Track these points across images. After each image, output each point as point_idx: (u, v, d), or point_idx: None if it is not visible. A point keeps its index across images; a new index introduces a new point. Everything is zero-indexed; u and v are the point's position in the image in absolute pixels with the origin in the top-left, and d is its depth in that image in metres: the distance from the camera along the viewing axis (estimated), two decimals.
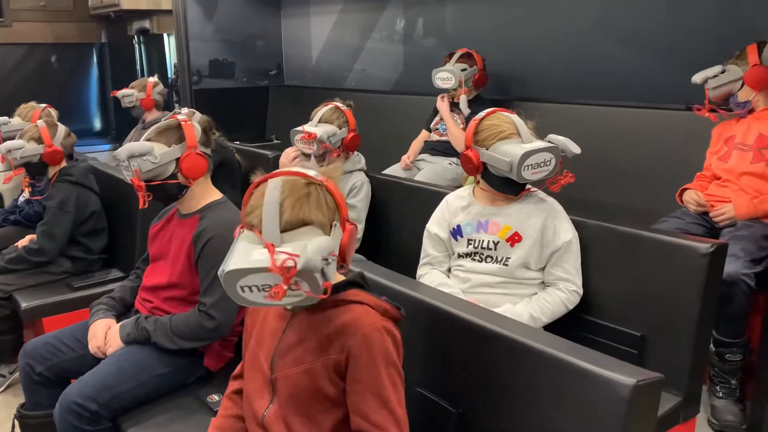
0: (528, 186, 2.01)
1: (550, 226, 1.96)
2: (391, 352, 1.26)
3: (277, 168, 3.22)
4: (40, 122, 3.01)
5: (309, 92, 4.97)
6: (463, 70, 3.35)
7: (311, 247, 1.15)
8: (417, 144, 3.48)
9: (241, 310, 1.99)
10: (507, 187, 1.96)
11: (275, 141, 5.19)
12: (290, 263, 1.11)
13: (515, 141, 1.91)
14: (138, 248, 2.85)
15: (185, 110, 2.98)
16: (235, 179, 3.04)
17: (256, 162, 3.49)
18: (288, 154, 2.73)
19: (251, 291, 1.17)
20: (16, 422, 2.10)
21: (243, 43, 5.19)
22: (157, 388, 1.91)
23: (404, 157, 3.38)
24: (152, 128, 2.08)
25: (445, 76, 3.35)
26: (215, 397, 1.90)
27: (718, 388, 2.23)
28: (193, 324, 1.92)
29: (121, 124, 6.18)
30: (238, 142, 3.97)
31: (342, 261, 1.27)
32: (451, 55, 3.45)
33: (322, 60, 5.02)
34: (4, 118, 3.57)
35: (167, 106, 4.47)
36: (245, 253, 1.17)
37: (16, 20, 5.64)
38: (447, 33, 3.98)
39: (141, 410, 1.87)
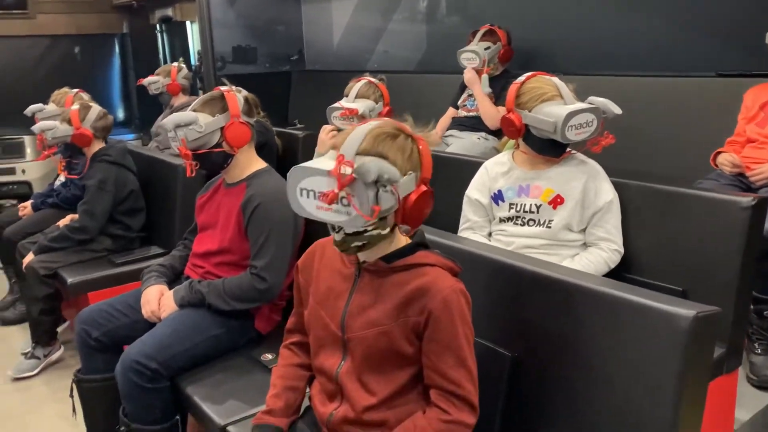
0: (568, 149, 2.04)
1: (591, 187, 2.00)
2: (466, 313, 1.31)
3: (311, 148, 3.29)
4: (75, 105, 3.08)
5: (331, 76, 5.00)
6: (487, 48, 3.37)
7: (371, 160, 1.20)
8: (444, 121, 3.52)
9: (289, 273, 2.05)
10: (549, 149, 2.00)
11: (298, 125, 5.23)
12: (348, 170, 1.17)
13: (558, 102, 1.95)
14: (177, 226, 2.92)
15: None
16: (273, 161, 3.11)
17: (286, 142, 3.56)
18: (326, 129, 2.77)
19: (308, 197, 1.22)
20: (74, 386, 2.16)
21: (264, 28, 5.23)
22: (212, 349, 1.98)
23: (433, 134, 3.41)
24: (197, 99, 2.14)
25: (469, 57, 3.38)
26: (269, 356, 1.96)
27: (756, 345, 2.26)
28: (246, 286, 1.98)
29: (144, 113, 6.26)
30: None
31: (407, 221, 1.30)
32: (474, 33, 3.47)
33: (343, 43, 5.06)
34: (39, 105, 3.64)
35: (193, 91, 4.53)
36: (318, 161, 1.24)
37: (40, 12, 5.72)
38: (470, 10, 4.00)
39: (197, 370, 1.93)
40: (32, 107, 3.63)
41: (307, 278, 1.49)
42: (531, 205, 2.03)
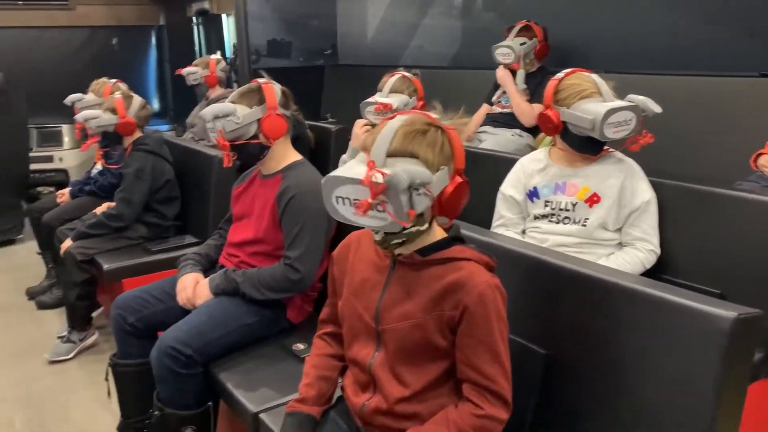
0: (606, 147, 2.02)
1: (628, 186, 1.97)
2: (501, 309, 1.30)
3: (343, 142, 3.31)
4: (117, 94, 3.13)
5: (364, 71, 5.00)
6: (522, 44, 3.35)
7: (402, 167, 1.19)
8: (478, 117, 3.50)
9: (322, 264, 2.07)
10: (587, 146, 1.98)
11: (330, 119, 5.25)
12: (379, 178, 1.16)
13: (597, 100, 1.93)
14: (211, 215, 2.96)
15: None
16: (306, 154, 3.13)
17: (319, 136, 3.58)
18: (359, 123, 2.78)
19: (343, 203, 1.23)
20: (110, 369, 2.21)
21: (299, 22, 5.26)
22: (245, 337, 2.00)
23: (465, 130, 3.40)
24: (235, 91, 2.16)
25: (504, 52, 3.36)
26: (300, 346, 1.98)
27: None
28: (279, 276, 2.00)
29: (178, 105, 6.34)
30: None
31: (444, 213, 1.30)
32: (510, 29, 3.45)
33: (377, 38, 5.06)
34: (79, 95, 3.71)
35: (229, 83, 4.57)
36: (349, 167, 1.23)
37: (80, 3, 5.83)
38: (506, 6, 3.98)
39: (230, 357, 1.96)
40: (72, 97, 3.70)
41: (341, 269, 1.50)
42: (567, 202, 2.02)
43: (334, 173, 1.22)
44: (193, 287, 2.09)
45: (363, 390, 1.43)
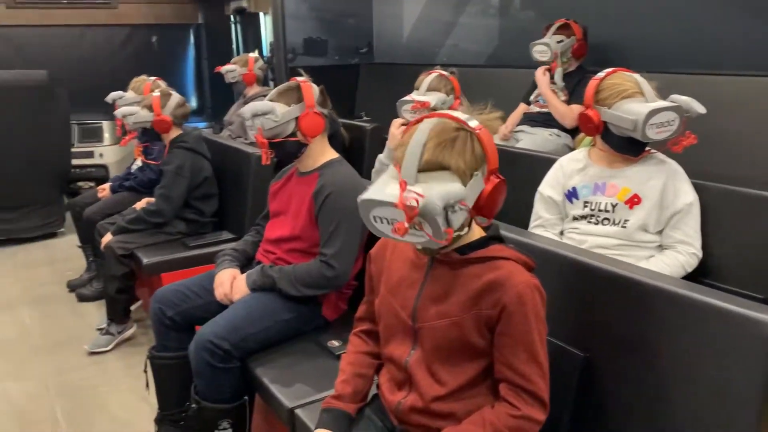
0: (648, 147, 1.99)
1: (670, 187, 1.94)
2: (540, 309, 1.29)
3: (378, 141, 3.31)
4: (156, 92, 3.19)
5: (399, 69, 5.00)
6: (560, 42, 3.31)
7: (436, 192, 1.18)
8: (515, 116, 3.47)
9: (357, 262, 2.08)
10: (628, 147, 1.95)
11: (364, 118, 5.27)
12: (413, 203, 1.15)
13: (639, 100, 1.90)
14: (247, 212, 2.99)
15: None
16: (339, 152, 3.14)
17: (354, 135, 3.59)
18: (396, 123, 2.78)
19: (382, 222, 1.23)
20: (148, 362, 2.25)
21: (335, 21, 5.28)
22: (281, 333, 2.02)
23: (502, 128, 3.38)
24: (274, 90, 2.18)
25: (541, 49, 3.34)
26: (335, 343, 1.99)
27: None
28: (315, 273, 2.01)
29: (216, 102, 6.42)
30: None
31: (482, 213, 1.29)
32: (549, 27, 3.42)
33: (413, 37, 5.06)
34: (120, 93, 3.79)
35: (266, 81, 4.62)
36: (382, 186, 1.23)
37: (122, 2, 5.95)
38: (545, 4, 3.93)
39: (267, 353, 1.98)
40: (113, 94, 3.78)
41: (379, 267, 1.50)
42: (606, 203, 1.99)
43: (368, 195, 1.22)
44: (231, 283, 2.12)
45: (399, 388, 1.43)
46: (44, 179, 4.65)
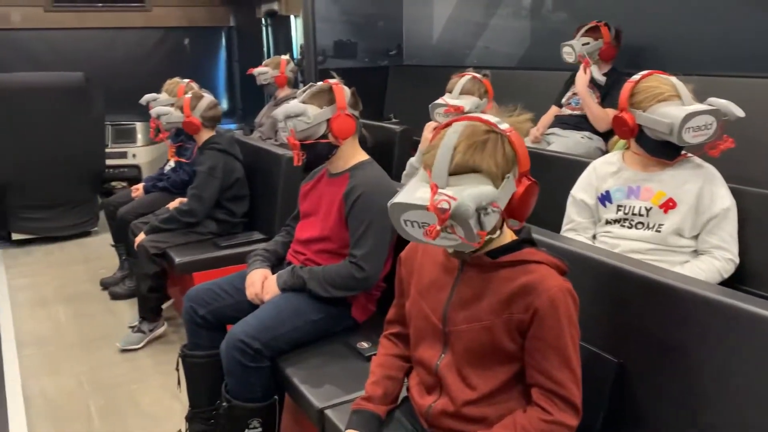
0: (683, 151, 1.96)
1: (707, 192, 1.91)
2: (573, 313, 1.28)
3: (407, 143, 3.31)
4: (188, 94, 3.24)
5: (429, 71, 5.00)
6: (585, 44, 3.27)
7: (468, 193, 1.17)
8: (546, 118, 3.45)
9: (386, 264, 2.08)
10: (663, 151, 1.92)
11: (393, 120, 5.27)
12: (445, 206, 1.15)
13: (675, 103, 1.87)
14: (278, 213, 3.02)
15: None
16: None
17: (383, 137, 3.60)
18: (429, 127, 2.77)
19: (412, 226, 1.22)
20: (180, 360, 2.28)
21: (365, 23, 5.30)
22: (311, 333, 2.04)
23: (533, 130, 3.36)
24: (306, 92, 2.20)
25: (567, 51, 3.31)
26: (365, 344, 1.99)
27: None
28: (345, 274, 2.02)
29: (246, 104, 6.49)
30: None
31: (514, 216, 1.28)
32: (580, 28, 3.39)
33: (443, 39, 5.05)
34: (154, 95, 3.84)
35: (296, 83, 4.65)
36: (413, 189, 1.23)
37: (155, 5, 6.04)
38: (578, 5, 3.90)
39: (296, 353, 2.00)
40: (147, 96, 3.84)
41: (409, 270, 1.50)
42: (641, 207, 1.97)
43: (399, 199, 1.22)
44: (262, 283, 2.14)
45: (429, 392, 1.43)
46: (79, 179, 4.75)
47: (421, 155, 2.66)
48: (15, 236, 4.72)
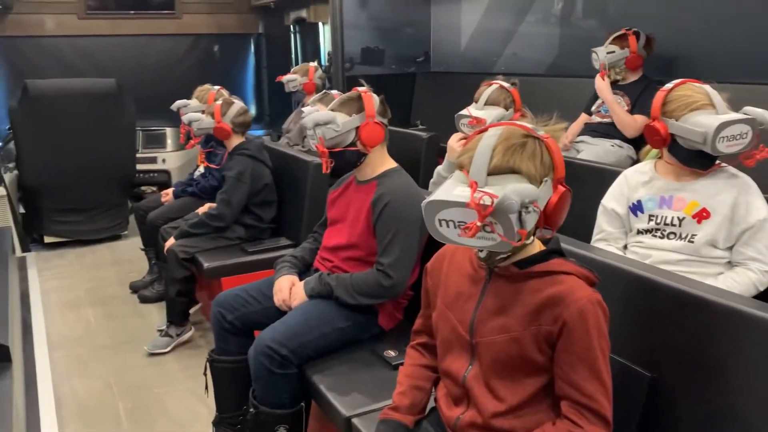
0: (718, 161, 1.92)
1: (742, 202, 1.87)
2: (603, 325, 1.26)
3: (434, 150, 3.30)
4: (218, 101, 3.28)
5: (456, 77, 5.00)
6: (611, 52, 3.24)
7: (512, 188, 1.16)
8: (576, 126, 3.41)
9: (414, 272, 2.07)
10: (696, 160, 1.89)
11: (420, 126, 5.27)
12: (487, 200, 1.14)
13: (709, 112, 1.84)
14: (305, 219, 3.03)
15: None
16: None
17: (410, 144, 3.60)
18: (456, 137, 2.75)
19: (447, 226, 1.20)
20: (208, 365, 2.30)
21: (393, 30, 5.31)
22: (338, 340, 2.04)
23: (562, 138, 3.32)
24: (335, 99, 2.21)
25: (594, 57, 3.29)
26: (392, 353, 1.99)
27: None
28: (372, 282, 2.02)
29: (274, 110, 6.54)
30: None
31: (548, 223, 1.27)
32: (610, 35, 3.35)
33: (471, 45, 5.04)
34: (184, 101, 3.89)
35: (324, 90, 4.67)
36: (449, 188, 1.22)
37: (185, 12, 6.13)
38: (609, 13, 3.86)
39: (323, 360, 2.00)
40: (178, 103, 3.89)
41: (435, 281, 1.49)
42: (673, 217, 1.93)
43: (435, 196, 1.21)
44: (289, 289, 2.15)
45: (456, 403, 1.42)
46: (111, 183, 4.83)
47: (449, 164, 2.66)
48: (48, 239, 4.82)
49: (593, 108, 3.40)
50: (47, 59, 5.64)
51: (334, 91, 3.61)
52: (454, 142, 2.71)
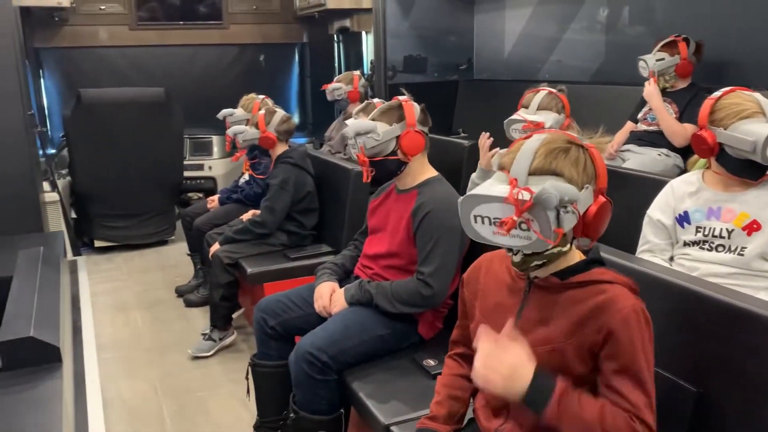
0: None
1: None
2: (647, 334, 1.24)
3: (476, 158, 3.29)
4: (261, 111, 3.33)
5: (498, 85, 4.97)
6: (660, 60, 3.17)
7: (551, 183, 1.16)
8: (621, 135, 3.34)
9: (454, 281, 2.07)
10: (746, 170, 1.84)
11: (462, 134, 5.25)
12: (526, 195, 1.14)
13: (759, 120, 1.79)
14: (346, 226, 3.06)
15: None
16: None
17: (451, 152, 3.59)
18: (484, 137, 2.72)
19: (482, 222, 1.21)
20: (249, 369, 2.34)
21: (436, 38, 5.31)
22: (377, 348, 2.05)
23: (608, 146, 3.27)
24: (376, 109, 2.22)
25: (641, 65, 3.23)
26: (431, 362, 1.98)
27: None
28: (412, 290, 2.02)
29: (317, 118, 6.61)
30: None
31: (587, 234, 1.25)
32: (658, 42, 3.29)
33: (514, 53, 5.00)
34: (230, 110, 3.97)
35: (367, 98, 4.70)
36: (488, 186, 1.22)
37: (232, 23, 6.25)
38: (657, 20, 3.79)
39: (363, 367, 2.01)
40: (224, 111, 3.97)
41: (472, 292, 1.49)
42: (722, 229, 1.88)
43: (472, 192, 1.21)
44: (329, 296, 2.17)
45: (495, 414, 1.41)
46: (159, 189, 4.95)
47: (482, 171, 2.64)
48: (97, 243, 4.97)
49: (639, 116, 3.33)
50: (100, 69, 5.83)
51: (376, 100, 3.63)
52: (483, 141, 2.69)
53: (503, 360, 1.23)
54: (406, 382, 1.92)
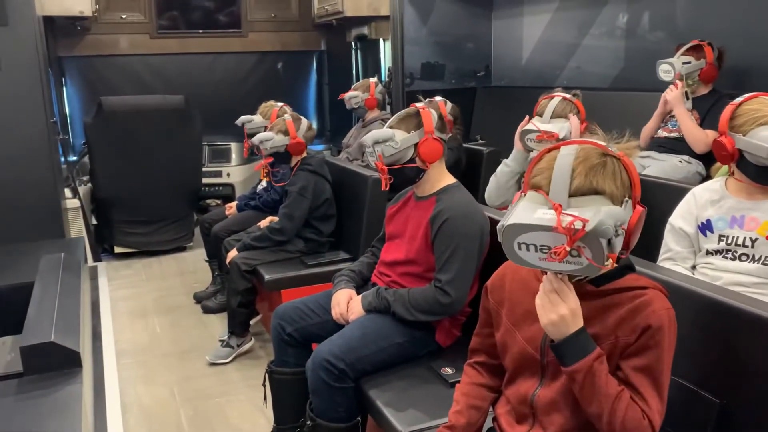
0: None
1: None
2: (673, 340, 1.25)
3: (494, 165, 3.27)
4: (287, 116, 3.32)
5: (517, 92, 4.94)
6: (686, 63, 3.13)
7: (605, 211, 1.13)
8: (642, 141, 3.32)
9: (472, 289, 2.05)
10: (766, 177, 1.81)
11: (480, 141, 5.23)
12: (578, 224, 1.10)
13: None
14: (363, 233, 3.06)
15: (437, 98, 3.15)
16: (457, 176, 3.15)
17: (470, 158, 3.58)
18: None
19: (527, 250, 1.16)
20: (267, 376, 2.34)
21: (453, 45, 5.31)
22: (394, 356, 2.04)
23: (635, 152, 3.23)
24: (394, 116, 2.22)
25: (665, 69, 3.17)
26: (449, 370, 1.97)
27: None
28: (430, 298, 2.02)
29: (334, 125, 6.63)
30: None
31: (627, 246, 1.22)
32: (680, 46, 3.25)
33: (532, 59, 4.98)
34: (249, 117, 3.98)
35: (384, 105, 4.71)
36: (529, 211, 1.17)
37: (251, 31, 6.30)
38: (677, 26, 3.75)
39: (380, 375, 2.00)
40: (242, 118, 3.99)
41: (498, 300, 1.47)
42: (745, 238, 1.85)
43: (516, 219, 1.16)
44: (347, 303, 2.17)
45: (520, 421, 1.40)
46: (179, 196, 4.99)
47: (519, 153, 2.59)
48: (117, 249, 5.02)
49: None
50: (121, 77, 5.90)
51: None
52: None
53: (560, 304, 1.23)
54: (423, 391, 1.91)
